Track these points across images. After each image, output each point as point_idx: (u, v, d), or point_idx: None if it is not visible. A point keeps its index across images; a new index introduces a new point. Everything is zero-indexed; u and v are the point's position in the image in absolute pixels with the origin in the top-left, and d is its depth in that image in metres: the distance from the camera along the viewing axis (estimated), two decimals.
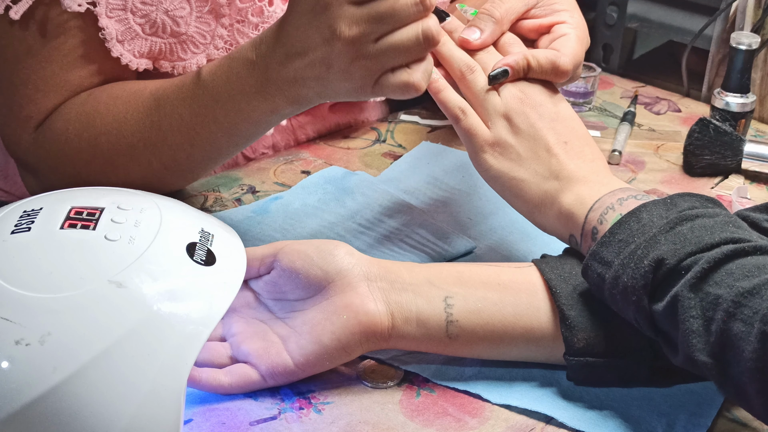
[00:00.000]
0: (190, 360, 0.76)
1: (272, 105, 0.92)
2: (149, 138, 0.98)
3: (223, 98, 0.93)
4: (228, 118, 0.94)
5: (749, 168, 1.21)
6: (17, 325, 0.73)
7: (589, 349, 0.85)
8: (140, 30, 1.02)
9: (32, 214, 0.80)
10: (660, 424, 0.84)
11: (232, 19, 1.06)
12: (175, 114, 0.96)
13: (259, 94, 0.92)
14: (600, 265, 0.83)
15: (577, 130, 0.93)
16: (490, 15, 0.96)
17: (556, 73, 0.94)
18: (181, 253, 0.80)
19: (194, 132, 0.96)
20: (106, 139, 1.00)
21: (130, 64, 1.03)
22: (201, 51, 1.06)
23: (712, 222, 0.81)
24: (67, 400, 0.72)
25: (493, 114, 0.93)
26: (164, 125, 0.97)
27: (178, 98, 0.96)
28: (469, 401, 0.86)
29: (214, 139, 0.96)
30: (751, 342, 0.73)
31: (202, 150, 0.98)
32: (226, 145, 0.98)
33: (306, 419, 0.84)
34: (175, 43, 1.04)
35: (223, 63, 0.94)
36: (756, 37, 1.26)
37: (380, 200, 1.10)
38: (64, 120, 1.01)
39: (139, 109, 0.98)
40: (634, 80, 1.45)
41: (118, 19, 1.01)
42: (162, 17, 1.02)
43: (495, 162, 0.92)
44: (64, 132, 1.01)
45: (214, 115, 0.95)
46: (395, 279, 0.87)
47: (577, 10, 1.01)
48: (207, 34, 1.05)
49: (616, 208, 0.86)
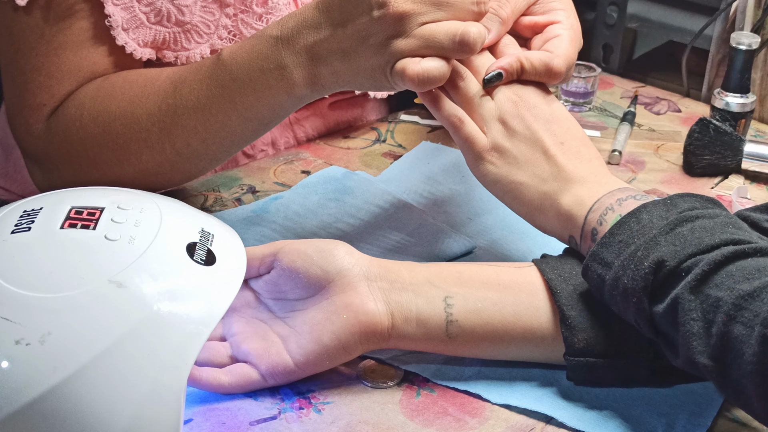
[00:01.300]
0: (190, 360, 0.76)
1: (288, 84, 0.92)
2: (164, 122, 0.98)
3: (241, 76, 0.94)
4: (244, 98, 0.94)
5: (749, 168, 1.21)
6: (17, 324, 0.73)
7: (589, 350, 0.85)
8: (145, 18, 1.02)
9: (32, 214, 0.80)
10: (660, 424, 0.84)
11: (237, 9, 1.06)
12: (191, 96, 0.96)
13: (277, 70, 0.92)
14: (600, 266, 0.83)
15: (573, 130, 0.93)
16: (497, 15, 0.96)
17: (549, 75, 0.94)
18: (181, 252, 0.80)
19: (209, 114, 0.96)
20: (120, 124, 0.99)
21: (135, 53, 1.03)
22: (205, 41, 1.06)
23: (712, 223, 0.81)
24: (67, 400, 0.72)
25: (489, 119, 0.93)
26: (180, 108, 0.97)
27: (195, 80, 0.96)
28: (469, 401, 0.86)
29: (227, 121, 0.96)
30: (752, 345, 0.73)
31: (216, 134, 0.97)
32: (239, 130, 0.97)
33: (306, 419, 0.84)
34: (179, 32, 1.04)
35: (246, 42, 0.95)
36: (756, 37, 1.26)
37: (380, 200, 1.10)
38: (77, 106, 1.01)
39: (156, 93, 0.98)
40: (634, 80, 1.45)
41: (124, 7, 1.01)
42: (167, 6, 1.02)
43: (493, 167, 0.92)
44: (78, 118, 1.01)
45: (231, 96, 0.95)
46: (395, 279, 0.87)
47: (572, 11, 1.01)
48: (211, 23, 1.05)
49: (615, 209, 0.86)
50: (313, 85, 0.92)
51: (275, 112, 0.96)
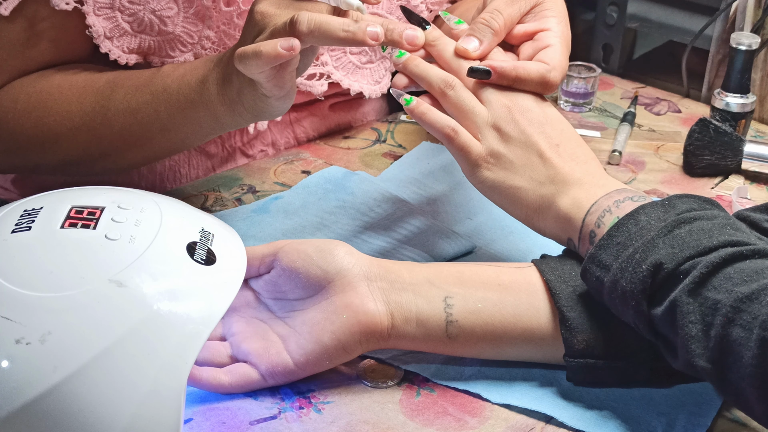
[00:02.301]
0: (190, 359, 0.76)
1: (206, 99, 0.94)
2: (95, 121, 1.00)
3: (171, 87, 0.96)
4: (168, 108, 0.96)
5: (749, 168, 1.21)
6: (18, 324, 0.73)
7: (589, 351, 0.85)
8: (128, 27, 1.03)
9: (33, 214, 0.80)
10: (660, 424, 0.84)
11: (219, 21, 1.06)
12: (124, 100, 0.99)
13: (199, 84, 0.94)
14: (598, 268, 0.83)
15: (567, 132, 0.93)
16: (489, 26, 0.96)
17: (544, 87, 0.94)
18: (181, 252, 0.80)
19: (135, 119, 0.98)
20: (53, 119, 1.02)
21: (119, 59, 1.04)
22: (189, 50, 1.07)
23: (710, 225, 0.81)
24: (67, 400, 0.72)
25: (482, 126, 0.92)
26: (111, 110, 0.99)
27: (132, 85, 0.99)
28: (469, 401, 0.87)
29: (150, 128, 0.98)
30: (751, 348, 0.72)
31: (138, 140, 1.00)
32: (161, 140, 1.00)
33: (306, 419, 0.84)
34: (163, 41, 1.05)
35: (195, 61, 0.97)
36: (756, 37, 1.26)
37: (380, 200, 1.10)
38: (11, 99, 1.03)
39: (93, 93, 1.00)
40: (634, 81, 1.45)
41: (106, 17, 1.02)
42: (149, 16, 1.03)
43: (490, 174, 0.92)
44: (12, 110, 1.03)
45: (157, 105, 0.97)
46: (395, 279, 0.87)
47: (564, 18, 0.99)
48: (194, 34, 1.06)
49: (613, 211, 0.86)
50: (229, 104, 0.93)
51: (195, 128, 0.98)
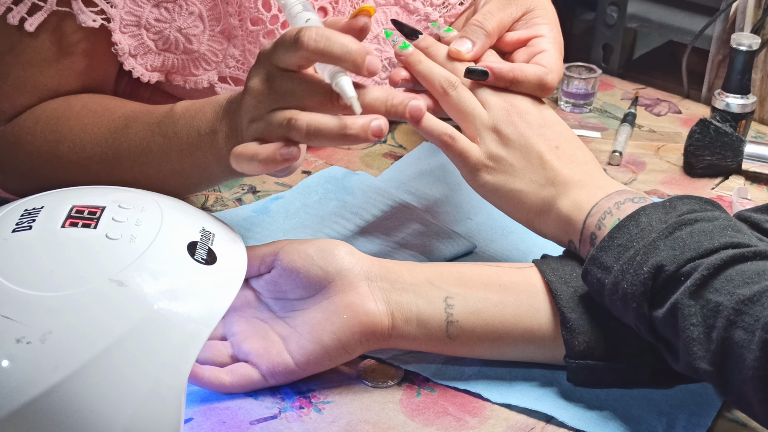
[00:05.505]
0: (190, 359, 0.76)
1: (216, 149, 0.92)
2: (107, 154, 0.98)
3: (181, 132, 0.94)
4: (178, 152, 0.95)
5: (750, 169, 1.21)
6: (18, 323, 0.73)
7: (589, 352, 0.85)
8: (153, 45, 1.03)
9: (33, 213, 0.80)
10: (660, 424, 0.84)
11: (244, 40, 1.06)
12: (136, 137, 0.97)
13: (209, 135, 0.92)
14: (599, 270, 0.83)
15: (566, 133, 0.93)
16: (482, 27, 0.96)
17: (541, 89, 0.94)
18: (182, 252, 0.80)
19: (146, 158, 0.96)
20: (67, 147, 1.00)
21: (142, 77, 1.04)
22: (212, 68, 1.06)
23: (711, 226, 0.81)
24: (67, 399, 0.72)
25: (482, 129, 0.92)
26: (123, 146, 0.97)
27: (145, 123, 0.97)
28: (469, 401, 0.87)
29: (160, 170, 0.97)
30: (753, 350, 0.72)
31: (147, 179, 0.97)
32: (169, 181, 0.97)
33: (306, 418, 0.84)
34: (188, 59, 1.05)
35: (203, 101, 0.95)
36: (756, 38, 1.26)
37: (381, 200, 1.10)
38: (34, 120, 1.02)
39: (108, 125, 0.99)
40: (634, 81, 1.45)
41: (132, 35, 1.02)
42: (175, 34, 1.03)
43: (490, 177, 0.92)
44: (31, 132, 1.02)
45: (168, 147, 0.95)
46: (396, 279, 0.87)
47: (556, 25, 1.00)
48: (219, 52, 1.06)
49: (613, 213, 0.86)
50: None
51: (204, 175, 0.97)
